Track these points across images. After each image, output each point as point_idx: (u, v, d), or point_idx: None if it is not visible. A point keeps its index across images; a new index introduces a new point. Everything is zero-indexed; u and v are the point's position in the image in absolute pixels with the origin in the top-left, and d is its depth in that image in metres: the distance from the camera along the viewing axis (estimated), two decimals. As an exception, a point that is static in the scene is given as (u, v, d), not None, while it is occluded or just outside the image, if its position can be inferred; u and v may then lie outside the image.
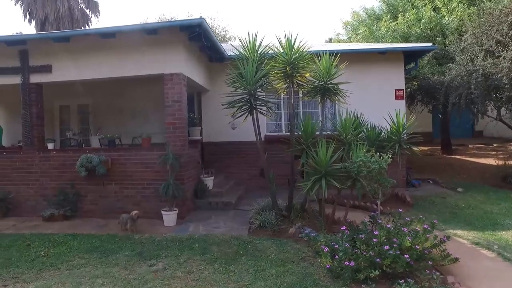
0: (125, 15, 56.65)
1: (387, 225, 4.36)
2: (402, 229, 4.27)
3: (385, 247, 3.89)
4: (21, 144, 9.71)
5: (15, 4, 18.97)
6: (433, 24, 13.70)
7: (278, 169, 7.48)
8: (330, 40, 24.94)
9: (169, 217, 6.62)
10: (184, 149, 7.07)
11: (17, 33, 11.56)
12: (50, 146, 7.90)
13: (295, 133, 6.55)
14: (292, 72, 6.30)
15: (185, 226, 6.51)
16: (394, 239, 4.09)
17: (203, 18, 6.60)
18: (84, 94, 10.15)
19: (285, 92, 7.26)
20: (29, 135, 7.75)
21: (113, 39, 7.16)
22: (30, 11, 18.80)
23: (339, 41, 21.54)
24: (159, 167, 6.96)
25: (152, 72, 7.24)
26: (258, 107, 6.31)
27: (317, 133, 6.38)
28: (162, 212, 6.63)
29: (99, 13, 20.87)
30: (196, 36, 7.05)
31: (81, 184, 7.43)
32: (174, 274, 4.41)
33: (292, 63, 6.26)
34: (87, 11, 20.38)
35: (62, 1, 18.77)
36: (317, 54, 6.55)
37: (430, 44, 10.60)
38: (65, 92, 9.79)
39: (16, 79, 7.69)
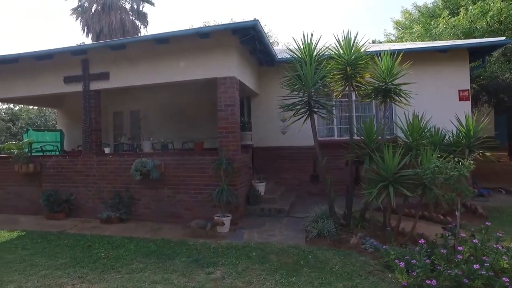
0: (170, 25, 58.90)
1: (473, 240, 3.85)
2: (494, 246, 3.73)
3: (475, 266, 3.40)
4: (80, 148, 10.21)
5: (75, 20, 20.37)
6: (504, 16, 12.49)
7: (330, 175, 7.11)
8: (373, 42, 23.98)
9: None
10: (237, 154, 6.94)
11: (80, 43, 12.26)
12: (106, 150, 8.16)
13: (355, 137, 6.16)
14: (352, 73, 5.95)
15: (239, 233, 6.34)
16: (484, 257, 3.58)
17: (257, 19, 6.46)
18: (137, 100, 10.46)
19: (340, 95, 6.89)
20: (88, 139, 8.05)
21: (166, 45, 7.27)
22: (87, 25, 20.06)
23: (389, 41, 20.59)
24: (212, 172, 6.89)
25: (205, 76, 7.22)
26: (317, 110, 6.01)
27: (379, 137, 5.95)
28: (215, 217, 6.52)
29: (147, 23, 21.78)
30: (248, 39, 6.94)
31: (135, 188, 7.55)
32: (234, 284, 4.22)
33: (351, 63, 5.91)
34: (137, 22, 21.34)
35: (115, 14, 19.81)
36: (377, 54, 6.17)
37: (502, 38, 9.65)
38: (119, 99, 10.16)
39: (78, 87, 8.05)
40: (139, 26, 21.27)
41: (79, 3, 20.47)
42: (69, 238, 6.40)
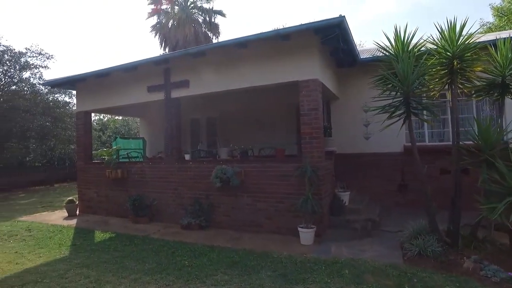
0: (239, 34, 60.55)
1: None
2: None
3: None
4: (160, 155, 10.61)
5: (154, 36, 21.91)
6: None
7: (417, 184, 6.28)
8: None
9: (307, 235, 6.04)
10: (321, 161, 6.46)
11: (162, 54, 12.92)
12: (187, 157, 8.28)
13: (460, 142, 5.29)
14: (459, 66, 5.13)
15: (325, 247, 5.84)
16: None
17: (343, 16, 5.97)
18: (213, 107, 10.58)
19: (437, 94, 6.04)
20: (170, 146, 8.25)
21: (245, 50, 7.13)
22: (165, 40, 21.42)
23: (487, 30, 18.17)
24: (294, 180, 6.51)
25: (285, 80, 6.91)
26: (417, 112, 5.30)
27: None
28: (299, 229, 6.11)
29: (219, 34, 22.50)
30: (330, 38, 6.48)
31: (215, 195, 7.49)
32: (332, 307, 3.74)
33: (458, 56, 5.10)
34: (209, 33, 22.14)
35: (189, 28, 20.80)
36: (490, 44, 5.28)
37: None
38: (196, 106, 10.37)
39: (160, 95, 8.34)
40: (211, 37, 22.04)
41: (158, 20, 21.96)
42: (153, 243, 6.52)
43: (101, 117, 23.98)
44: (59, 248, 6.49)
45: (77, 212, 9.90)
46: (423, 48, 5.51)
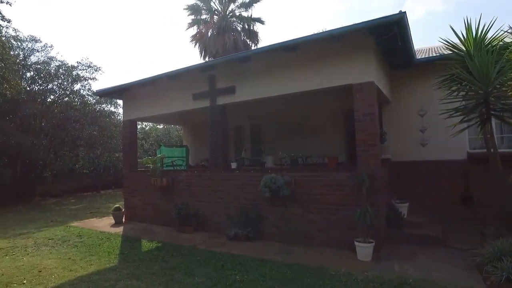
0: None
1: None
2: None
3: None
4: (203, 163, 10.53)
5: (194, 46, 22.31)
6: None
7: (487, 196, 5.56)
8: None
9: (365, 250, 5.55)
10: (378, 170, 5.96)
11: (208, 60, 12.98)
12: (233, 165, 8.08)
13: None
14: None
15: (387, 264, 5.31)
16: None
17: (404, 12, 5.50)
18: (257, 114, 10.36)
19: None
20: (215, 154, 8.09)
21: (293, 53, 6.84)
22: (204, 49, 21.71)
23: None
24: (348, 190, 6.06)
25: (337, 83, 6.51)
26: (499, 114, 4.69)
27: None
28: (356, 243, 5.63)
29: (258, 41, 22.45)
30: (386, 38, 6.01)
31: (262, 205, 7.18)
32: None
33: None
34: (248, 41, 22.15)
35: (228, 36, 20.94)
36: None
37: None
38: (239, 114, 10.18)
39: (205, 102, 8.24)
40: (251, 45, 22.03)
41: (198, 30, 22.34)
42: (200, 254, 6.32)
43: (143, 125, 24.74)
44: (108, 256, 6.48)
45: (123, 220, 10.02)
46: (500, 43, 4.91)
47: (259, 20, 22.27)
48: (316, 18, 56.99)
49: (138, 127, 25.49)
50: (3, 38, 14.28)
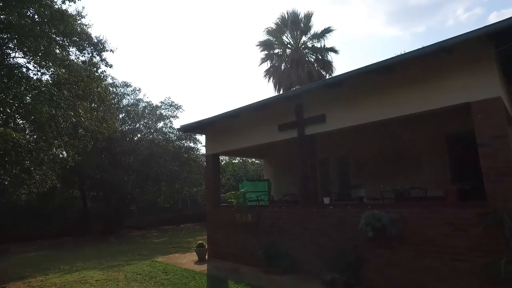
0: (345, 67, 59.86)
1: None
2: None
3: None
4: (287, 198, 9.95)
5: (268, 81, 22.72)
6: None
7: None
8: None
9: (514, 312, 4.29)
10: (515, 205, 4.75)
11: (294, 88, 12.84)
12: (325, 200, 7.36)
13: None
14: None
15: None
16: None
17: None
18: (344, 144, 9.62)
19: None
20: (304, 188, 7.49)
21: (390, 75, 6.12)
22: (278, 82, 21.92)
23: None
24: (475, 231, 4.92)
25: (449, 103, 5.59)
26: None
27: None
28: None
29: (332, 71, 21.99)
30: (509, 46, 5.01)
31: (363, 246, 6.26)
32: None
33: None
34: (322, 71, 21.83)
35: (302, 68, 20.89)
36: None
37: None
38: (324, 144, 9.54)
39: (293, 133, 7.80)
40: (325, 75, 21.66)
41: (271, 64, 22.75)
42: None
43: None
44: (196, 298, 6.10)
45: (206, 257, 9.76)
46: None
47: (332, 50, 21.95)
48: (384, 44, 55.06)
49: (215, 161, 26.25)
50: (104, 84, 16.01)
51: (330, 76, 21.77)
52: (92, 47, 11.93)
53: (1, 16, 9.75)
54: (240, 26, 62.26)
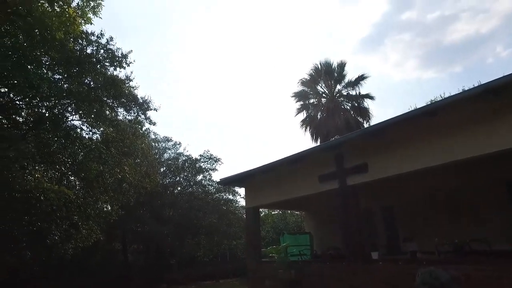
0: (387, 115, 58.90)
1: None
2: None
3: None
4: (331, 252, 9.41)
5: (304, 131, 22.78)
6: None
7: None
8: None
9: None
10: None
11: (332, 139, 12.76)
12: (374, 255, 6.86)
13: None
14: None
15: None
16: None
17: None
18: (388, 193, 9.15)
19: None
20: (349, 242, 7.07)
21: (433, 120, 5.93)
22: (315, 132, 21.89)
23: None
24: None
25: (502, 147, 5.22)
26: None
27: None
28: None
29: (369, 117, 21.66)
30: None
31: (420, 308, 5.62)
32: None
33: None
34: (359, 118, 21.60)
35: (338, 116, 20.84)
36: None
37: None
38: (368, 194, 9.13)
39: (334, 184, 7.58)
40: (362, 122, 21.40)
41: (307, 114, 22.95)
42: None
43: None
44: None
45: (248, 316, 9.23)
46: None
47: (367, 96, 21.86)
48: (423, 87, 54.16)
49: (253, 213, 25.89)
50: (147, 140, 16.93)
51: (367, 123, 21.48)
52: (137, 107, 12.83)
53: (65, 85, 10.88)
54: (275, 79, 64.65)
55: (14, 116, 11.31)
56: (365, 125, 21.48)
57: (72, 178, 13.00)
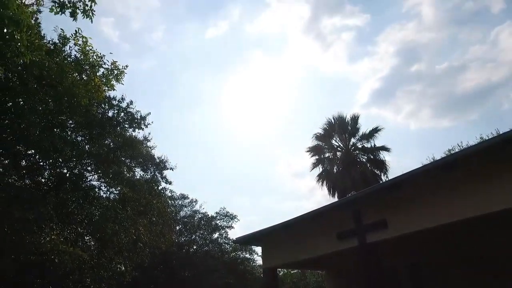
0: (408, 167, 57.83)
1: None
2: None
3: None
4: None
5: (321, 185, 22.47)
6: None
7: None
8: None
9: None
10: None
11: (349, 195, 12.49)
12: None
13: None
14: None
15: None
16: None
17: None
18: (413, 250, 8.65)
19: None
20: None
21: (452, 172, 5.78)
22: (332, 186, 21.59)
23: None
24: None
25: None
26: None
27: None
28: None
29: (387, 170, 21.31)
30: None
31: None
32: None
33: None
34: (376, 171, 21.29)
35: (355, 169, 20.66)
36: None
37: None
38: (390, 251, 8.67)
39: (353, 241, 7.25)
40: (380, 174, 21.05)
41: (322, 168, 22.82)
42: None
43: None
44: None
45: None
46: None
47: (383, 149, 21.73)
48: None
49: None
50: (163, 198, 17.01)
51: (384, 175, 21.11)
52: (154, 167, 13.15)
53: (86, 146, 11.39)
54: (290, 134, 65.62)
55: (37, 178, 11.72)
56: (383, 178, 21.08)
57: (88, 238, 12.97)
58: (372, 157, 21.80)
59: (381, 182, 20.70)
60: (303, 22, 54.60)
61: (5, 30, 4.89)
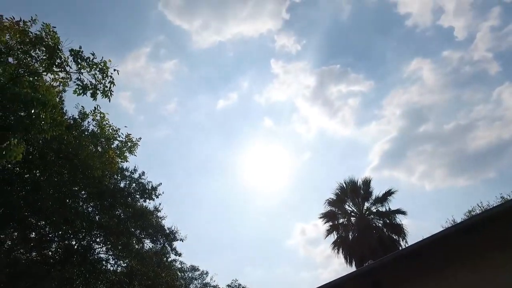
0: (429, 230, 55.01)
1: None
2: None
3: None
4: None
5: (337, 252, 21.40)
6: None
7: None
8: None
9: None
10: None
11: (367, 263, 11.82)
12: None
13: None
14: None
15: None
16: None
17: None
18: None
19: None
20: None
21: (474, 237, 5.52)
22: (349, 253, 20.56)
23: None
24: None
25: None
26: None
27: None
28: None
29: (405, 234, 20.37)
30: None
31: None
32: None
33: None
34: (393, 235, 20.38)
35: (371, 234, 19.84)
36: None
37: None
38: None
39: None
40: (398, 239, 20.09)
41: (337, 235, 21.97)
42: None
43: None
44: None
45: None
46: None
47: (399, 212, 21.03)
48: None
49: None
50: (173, 269, 16.34)
51: (403, 240, 20.12)
52: (164, 238, 12.86)
53: (96, 217, 11.38)
54: (302, 200, 64.60)
55: (44, 251, 11.54)
56: (402, 243, 20.11)
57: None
58: (388, 221, 21.03)
59: (400, 248, 19.74)
60: (310, 90, 57.19)
61: (32, 111, 5.29)
